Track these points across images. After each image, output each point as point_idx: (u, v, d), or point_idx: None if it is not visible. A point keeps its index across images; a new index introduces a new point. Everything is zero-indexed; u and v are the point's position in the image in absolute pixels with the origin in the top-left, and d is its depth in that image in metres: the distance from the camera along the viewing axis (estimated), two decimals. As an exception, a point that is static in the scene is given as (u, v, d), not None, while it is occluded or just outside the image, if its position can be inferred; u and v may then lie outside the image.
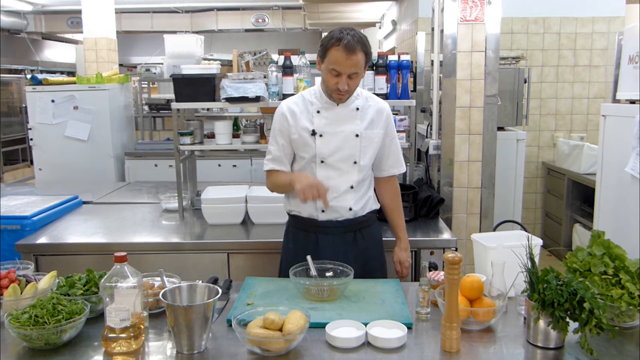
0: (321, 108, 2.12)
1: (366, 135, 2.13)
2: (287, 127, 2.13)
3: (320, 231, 2.16)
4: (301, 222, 2.20)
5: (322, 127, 2.11)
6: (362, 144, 2.12)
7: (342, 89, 2.00)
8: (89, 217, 3.05)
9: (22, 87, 8.81)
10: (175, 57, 5.82)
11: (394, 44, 6.83)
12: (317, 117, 2.12)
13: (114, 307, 1.51)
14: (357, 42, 1.94)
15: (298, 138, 2.12)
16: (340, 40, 1.94)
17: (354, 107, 2.13)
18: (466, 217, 3.18)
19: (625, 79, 2.60)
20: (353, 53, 1.94)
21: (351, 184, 2.14)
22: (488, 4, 3.00)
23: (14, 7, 9.12)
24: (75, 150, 4.91)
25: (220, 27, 10.01)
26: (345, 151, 2.11)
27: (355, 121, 2.12)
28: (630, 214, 2.41)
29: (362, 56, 1.97)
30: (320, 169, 2.12)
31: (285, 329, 1.51)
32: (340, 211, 2.14)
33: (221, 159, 5.17)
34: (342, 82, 1.99)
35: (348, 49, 1.93)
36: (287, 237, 2.28)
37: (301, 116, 2.13)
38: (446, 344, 1.54)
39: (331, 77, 2.00)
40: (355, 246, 2.18)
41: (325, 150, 2.10)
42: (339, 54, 1.95)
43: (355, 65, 1.97)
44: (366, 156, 2.15)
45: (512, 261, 1.65)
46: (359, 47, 1.95)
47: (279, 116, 2.16)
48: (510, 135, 4.21)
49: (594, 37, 5.27)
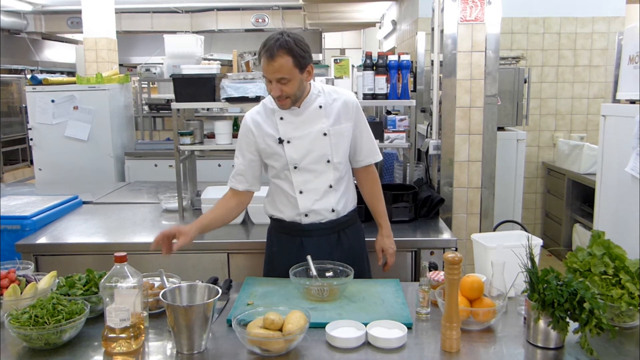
0: (284, 114, 2.08)
1: (334, 131, 2.08)
2: (252, 139, 2.10)
3: (305, 234, 2.14)
4: (285, 226, 2.18)
5: (288, 133, 2.07)
6: (332, 142, 2.08)
7: (273, 95, 1.98)
8: (89, 217, 3.05)
9: (22, 87, 8.81)
10: (175, 57, 5.81)
11: (394, 44, 6.84)
12: (281, 124, 2.08)
13: (114, 307, 1.51)
14: (278, 47, 1.88)
15: (266, 147, 2.09)
16: (264, 46, 1.91)
17: (316, 105, 2.08)
18: (466, 217, 3.18)
19: (625, 79, 2.60)
20: (273, 59, 1.89)
21: (329, 184, 2.11)
22: (488, 4, 3.00)
23: (14, 7, 9.11)
24: (75, 150, 4.91)
25: (220, 27, 10.01)
26: (316, 152, 2.08)
27: (320, 120, 2.08)
28: (630, 214, 2.41)
29: (286, 60, 1.89)
30: (295, 175, 2.09)
31: (285, 329, 1.51)
32: (323, 213, 2.12)
33: (221, 159, 5.16)
34: (273, 88, 1.95)
35: (268, 54, 1.89)
36: (270, 240, 2.26)
37: (265, 125, 2.09)
38: (446, 344, 1.54)
39: (268, 84, 1.97)
40: (340, 246, 2.17)
41: (295, 155, 2.07)
42: (263, 60, 1.92)
43: (279, 70, 1.90)
44: (339, 153, 2.11)
45: (512, 261, 1.65)
46: (281, 51, 1.88)
47: (244, 129, 2.12)
48: (510, 135, 4.21)
49: (594, 37, 5.27)
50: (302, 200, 2.10)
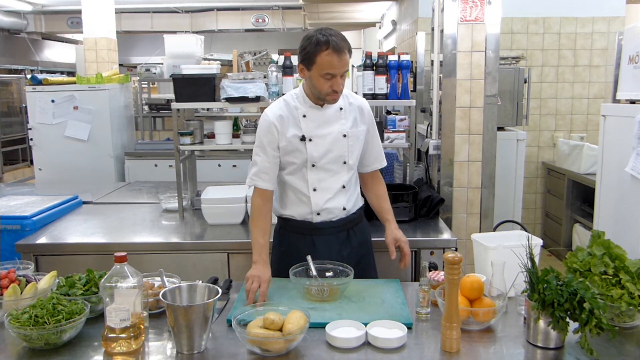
0: (307, 112, 2.11)
1: (352, 134, 2.14)
2: (276, 135, 2.10)
3: (316, 233, 2.16)
4: (296, 226, 2.19)
5: (310, 131, 2.10)
6: (349, 144, 2.13)
7: (338, 90, 2.02)
8: (89, 217, 3.05)
9: (22, 87, 8.81)
10: (175, 57, 5.82)
11: (394, 44, 6.83)
12: (304, 122, 2.11)
13: (114, 307, 1.51)
14: (342, 41, 1.96)
15: (287, 145, 2.10)
16: (327, 43, 1.94)
17: (338, 107, 2.14)
18: (466, 217, 3.18)
19: (625, 79, 2.60)
20: (344, 53, 1.96)
21: (343, 184, 2.15)
22: (488, 4, 3.00)
23: (14, 7, 9.12)
24: (75, 150, 4.91)
25: (220, 27, 10.02)
26: (334, 152, 2.12)
27: (340, 121, 2.13)
28: (630, 214, 2.41)
29: (348, 56, 1.99)
30: (312, 173, 2.12)
31: (285, 329, 1.51)
32: (334, 212, 2.15)
33: (221, 159, 5.17)
34: (337, 83, 2.00)
35: (338, 50, 1.94)
36: (278, 240, 2.26)
37: (288, 122, 2.11)
38: (446, 344, 1.54)
39: (324, 81, 1.99)
40: (349, 244, 2.20)
41: (315, 153, 2.10)
42: (330, 57, 1.94)
43: (347, 63, 1.99)
44: (354, 155, 2.17)
45: (512, 261, 1.65)
46: (345, 46, 1.97)
47: (266, 125, 2.11)
48: (510, 135, 4.20)
49: (594, 37, 5.27)
50: (315, 198, 2.12)
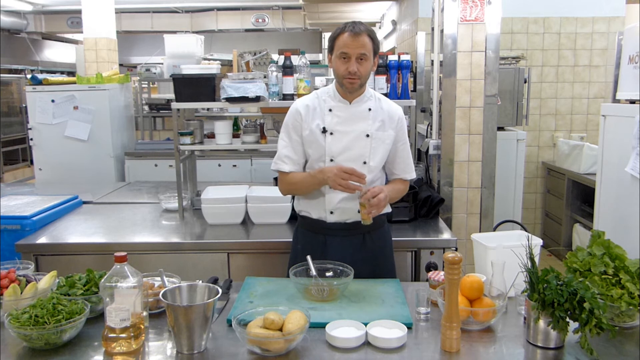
0: (334, 106, 2.13)
1: (377, 136, 2.12)
2: (299, 122, 2.13)
3: (329, 233, 2.15)
4: (310, 224, 2.19)
5: (333, 125, 2.11)
6: (372, 145, 2.12)
7: (352, 70, 2.01)
8: (89, 217, 3.05)
9: (22, 87, 8.80)
10: (175, 57, 5.82)
11: (394, 44, 6.84)
12: (329, 115, 2.12)
13: (114, 307, 1.51)
14: (363, 27, 2.02)
15: (309, 134, 2.12)
16: (345, 26, 2.02)
17: (367, 107, 2.14)
18: (466, 217, 3.18)
19: (625, 79, 2.60)
20: (360, 34, 2.00)
21: None
22: (488, 4, 3.00)
23: (14, 7, 9.11)
24: (75, 150, 4.91)
25: (220, 27, 10.01)
26: (354, 151, 2.11)
27: (367, 121, 2.12)
28: (630, 214, 2.41)
29: (368, 40, 2.01)
30: None
31: (285, 329, 1.51)
32: (349, 213, 2.13)
33: (221, 159, 5.17)
34: (351, 64, 2.01)
35: (354, 31, 2.00)
36: (296, 238, 2.27)
37: (314, 113, 2.13)
38: (446, 344, 1.54)
39: (341, 63, 2.03)
40: (364, 249, 2.16)
41: (334, 148, 2.10)
42: (345, 36, 2.00)
43: (363, 46, 2.00)
44: (376, 157, 2.13)
45: (512, 261, 1.65)
46: (364, 31, 2.01)
47: (292, 112, 2.16)
48: (510, 135, 4.21)
49: (594, 37, 5.27)
50: (329, 195, 2.12)
